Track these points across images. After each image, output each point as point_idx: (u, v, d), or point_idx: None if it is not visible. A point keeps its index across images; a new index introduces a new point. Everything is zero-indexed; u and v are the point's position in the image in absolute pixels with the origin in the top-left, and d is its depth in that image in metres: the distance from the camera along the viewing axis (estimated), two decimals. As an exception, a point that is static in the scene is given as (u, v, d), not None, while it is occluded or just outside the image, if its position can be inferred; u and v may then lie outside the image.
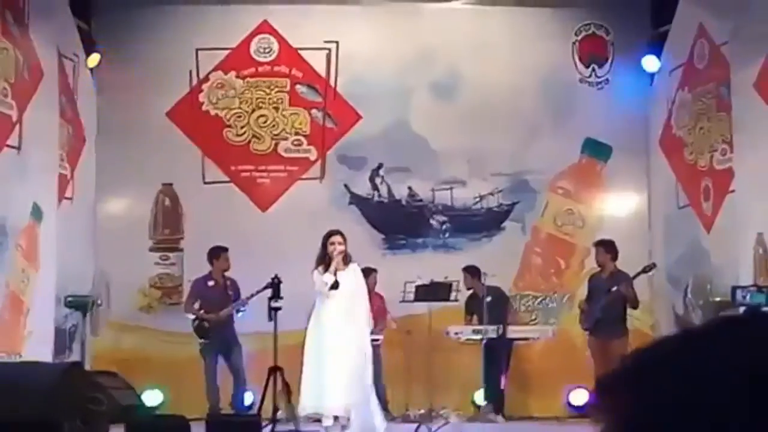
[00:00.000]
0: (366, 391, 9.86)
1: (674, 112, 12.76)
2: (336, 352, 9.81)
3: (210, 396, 11.33)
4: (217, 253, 11.69)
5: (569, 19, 13.58)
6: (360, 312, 10.04)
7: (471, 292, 12.09)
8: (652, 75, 13.26)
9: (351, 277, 10.03)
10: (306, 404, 9.67)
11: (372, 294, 11.80)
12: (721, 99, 11.66)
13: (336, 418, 9.90)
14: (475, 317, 12.01)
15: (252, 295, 10.77)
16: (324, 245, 10.11)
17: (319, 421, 9.88)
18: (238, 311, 11.45)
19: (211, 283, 11.70)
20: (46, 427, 7.26)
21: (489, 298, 12.01)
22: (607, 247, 11.63)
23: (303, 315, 10.05)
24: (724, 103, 11.56)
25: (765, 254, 10.62)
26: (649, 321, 12.96)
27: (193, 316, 11.61)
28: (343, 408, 9.80)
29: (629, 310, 11.50)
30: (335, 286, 9.93)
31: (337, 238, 10.10)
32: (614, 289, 11.27)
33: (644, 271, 11.33)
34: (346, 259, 10.10)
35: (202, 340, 11.49)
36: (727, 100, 11.48)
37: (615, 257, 11.51)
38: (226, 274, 11.75)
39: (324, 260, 10.05)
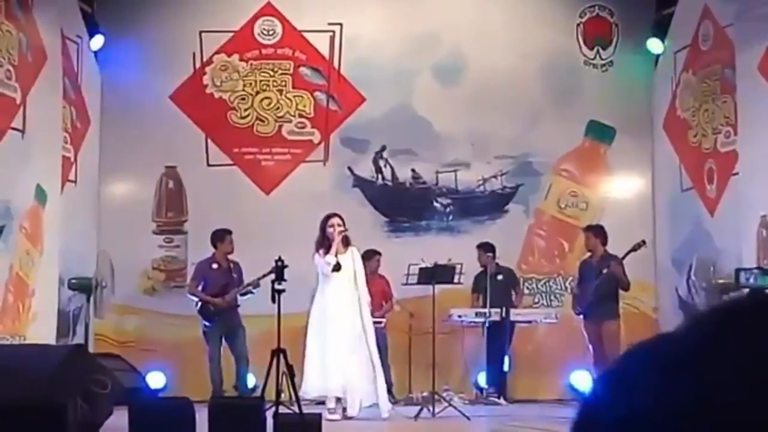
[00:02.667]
0: (370, 372, 9.90)
1: (678, 94, 12.73)
2: (339, 334, 9.85)
3: (213, 379, 11.36)
4: (221, 236, 11.69)
5: (573, 1, 13.55)
6: (362, 294, 10.09)
7: (479, 271, 12.06)
8: (656, 57, 13.23)
9: (351, 260, 10.07)
10: (309, 387, 9.70)
11: (376, 276, 11.83)
12: (725, 81, 11.63)
13: (338, 399, 9.94)
14: (481, 297, 12.01)
15: (262, 277, 10.63)
16: (323, 228, 10.14)
17: (322, 403, 9.92)
18: (245, 294, 11.44)
19: (215, 265, 11.71)
20: (49, 409, 7.29)
21: (500, 276, 12.09)
22: (596, 232, 11.70)
23: (305, 297, 10.09)
24: (729, 85, 11.53)
25: (768, 237, 10.61)
26: (653, 303, 12.97)
27: (196, 299, 11.62)
28: (343, 390, 9.84)
29: (624, 293, 11.57)
30: (337, 267, 9.95)
31: (335, 220, 10.13)
32: (604, 271, 11.35)
33: (634, 249, 11.32)
34: (346, 242, 10.13)
35: (207, 323, 11.51)
36: (731, 82, 11.45)
37: (605, 242, 11.58)
38: (230, 257, 11.75)
39: (323, 243, 10.08)
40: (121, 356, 11.78)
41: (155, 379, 12.07)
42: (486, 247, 12.24)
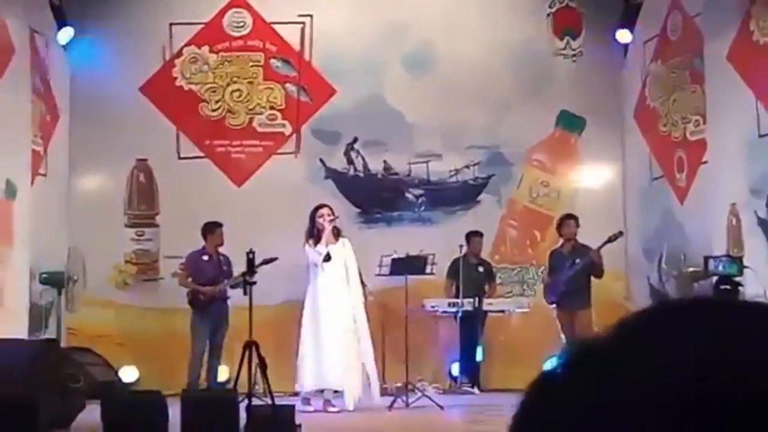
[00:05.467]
0: (361, 363, 9.93)
1: (648, 84, 12.79)
2: (332, 326, 9.85)
3: (192, 372, 11.28)
4: (211, 229, 11.65)
5: (543, -9, 13.59)
6: (354, 285, 10.10)
7: (455, 258, 12.05)
8: (625, 47, 13.29)
9: (342, 251, 10.07)
10: (306, 382, 9.72)
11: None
12: (694, 71, 11.70)
13: (335, 392, 9.96)
14: (455, 285, 12.02)
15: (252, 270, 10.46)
16: (312, 218, 10.12)
17: (295, 395, 9.91)
18: (235, 286, 11.35)
19: (205, 257, 11.66)
20: (22, 403, 7.26)
21: (480, 268, 12.17)
22: (576, 221, 11.84)
23: (277, 290, 10.08)
24: (698, 75, 11.60)
25: (738, 224, 10.69)
26: (624, 292, 13.05)
27: (188, 289, 11.54)
28: (341, 383, 9.86)
29: (596, 282, 11.69)
30: (328, 258, 9.94)
31: (325, 210, 10.14)
32: (578, 261, 11.48)
33: (610, 240, 11.44)
34: (337, 233, 10.12)
35: (197, 315, 11.42)
36: (700, 71, 11.52)
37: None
38: (220, 249, 11.71)
39: (313, 234, 10.05)
40: (94, 350, 11.77)
41: (127, 373, 12.05)
42: (479, 234, 12.37)
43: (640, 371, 0.74)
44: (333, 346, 9.78)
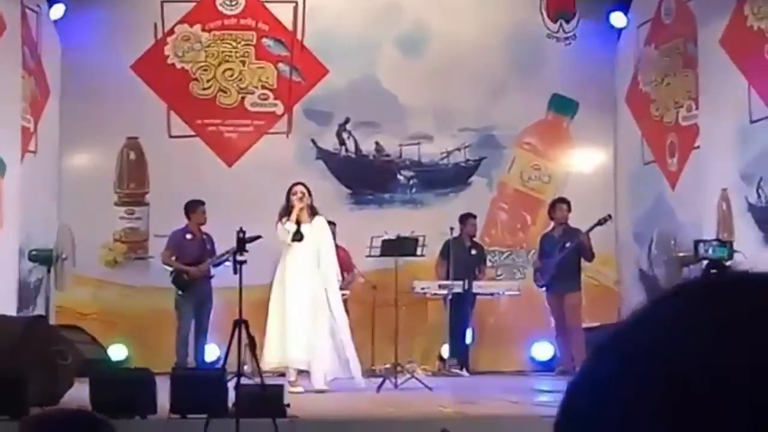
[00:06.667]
0: (336, 345, 9.88)
1: (641, 68, 12.78)
2: (299, 305, 9.81)
3: (180, 350, 11.29)
4: (194, 207, 11.63)
5: (537, -27, 13.54)
6: (326, 266, 10.03)
7: (448, 239, 12.01)
8: (619, 31, 13.27)
9: (316, 230, 10.00)
10: (269, 358, 9.68)
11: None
12: (687, 55, 11.70)
13: (300, 372, 9.92)
14: (445, 265, 11.98)
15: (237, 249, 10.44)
16: (287, 197, 10.09)
17: (283, 375, 9.91)
18: (218, 264, 11.33)
19: (189, 236, 11.63)
20: (10, 380, 7.25)
21: (474, 251, 12.18)
22: (569, 205, 11.87)
23: (267, 269, 10.05)
24: (691, 60, 11.59)
25: (729, 209, 10.71)
26: (614, 277, 13.07)
27: (170, 268, 11.54)
28: (306, 362, 9.82)
29: (586, 266, 11.73)
30: (298, 237, 9.88)
31: (298, 188, 10.07)
32: (568, 244, 11.51)
33: (599, 223, 11.47)
34: (312, 212, 10.07)
35: (181, 293, 11.42)
36: (693, 56, 11.51)
37: None
38: (203, 228, 11.70)
39: (287, 212, 10.02)
40: (83, 328, 11.75)
41: (116, 351, 12.04)
42: (473, 216, 12.41)
43: (654, 356, 0.74)
44: (298, 325, 9.72)
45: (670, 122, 12.06)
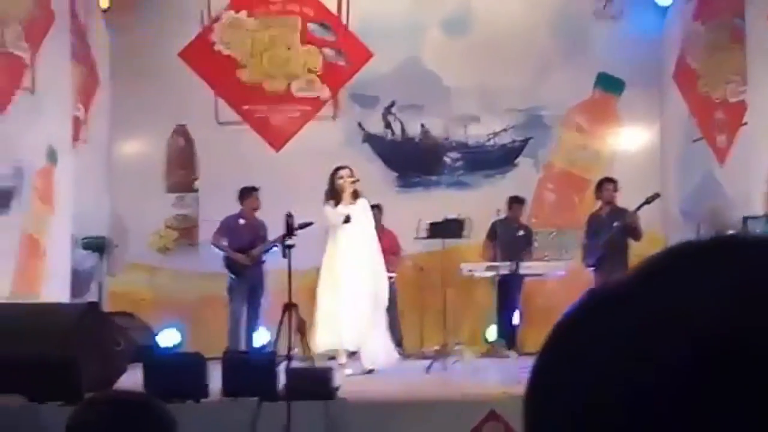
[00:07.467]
0: (378, 325, 9.95)
1: (688, 44, 12.67)
2: (351, 287, 9.86)
3: (232, 335, 11.39)
4: (248, 193, 11.71)
5: (582, -49, 13.46)
6: (372, 246, 10.10)
7: (494, 220, 12.00)
8: (665, 7, 13.16)
9: (361, 212, 10.08)
10: (321, 341, 9.75)
11: (381, 231, 11.85)
12: (735, 30, 11.57)
13: (351, 354, 9.99)
14: (492, 246, 12.00)
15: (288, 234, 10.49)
16: (332, 180, 10.14)
17: (333, 358, 9.98)
18: (268, 250, 11.40)
19: (242, 221, 11.73)
20: (64, 367, 7.39)
21: (521, 232, 12.18)
22: (615, 184, 11.79)
23: (315, 253, 10.12)
24: (738, 35, 11.46)
25: (777, 186, 10.61)
26: (663, 255, 12.97)
27: (218, 250, 11.60)
28: (358, 343, 9.89)
29: (634, 245, 11.65)
30: (347, 219, 9.97)
31: (345, 171, 10.12)
32: (616, 224, 11.44)
33: (647, 201, 11.37)
34: (355, 194, 10.13)
35: (234, 277, 11.52)
36: (741, 31, 11.39)
37: None
38: (257, 214, 11.78)
39: (333, 194, 10.08)
40: (135, 314, 11.92)
41: (168, 337, 12.19)
42: (520, 200, 12.42)
43: (658, 312, 0.72)
44: (353, 308, 9.78)
45: (718, 99, 11.95)
